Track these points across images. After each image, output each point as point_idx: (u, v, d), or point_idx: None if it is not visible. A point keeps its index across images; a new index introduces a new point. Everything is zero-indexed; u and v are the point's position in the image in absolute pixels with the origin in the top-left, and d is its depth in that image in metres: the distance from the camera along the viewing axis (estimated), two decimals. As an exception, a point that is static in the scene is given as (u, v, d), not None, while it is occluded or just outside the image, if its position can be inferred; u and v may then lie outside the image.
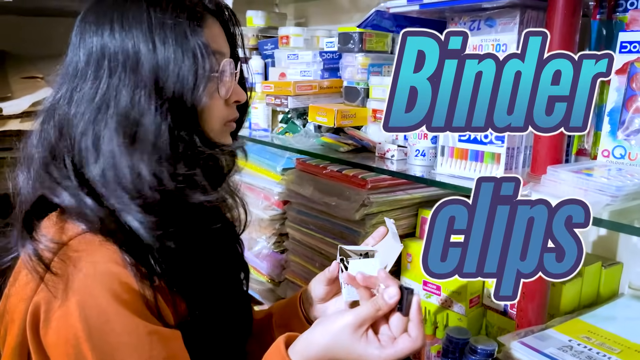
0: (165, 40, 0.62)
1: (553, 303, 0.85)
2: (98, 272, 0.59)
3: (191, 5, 0.65)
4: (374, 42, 1.11)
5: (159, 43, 0.62)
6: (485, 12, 0.78)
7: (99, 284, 0.58)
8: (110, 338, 0.57)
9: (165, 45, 0.62)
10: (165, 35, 0.62)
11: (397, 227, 1.00)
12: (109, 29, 0.63)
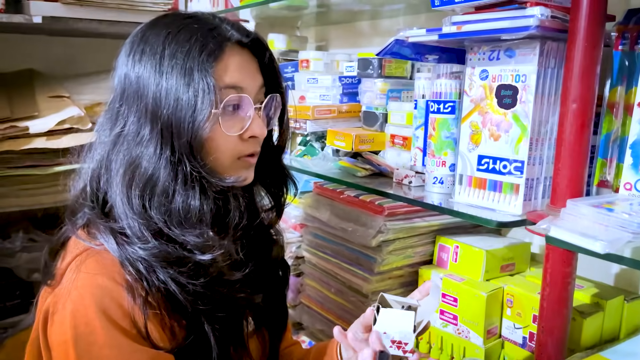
0: (170, 74, 0.63)
1: (573, 338, 0.83)
2: (93, 284, 0.62)
3: (209, 37, 0.65)
4: (393, 67, 1.11)
5: (164, 76, 0.63)
6: (504, 42, 0.77)
7: (91, 295, 0.61)
8: (94, 349, 0.60)
9: (169, 78, 0.63)
10: (172, 68, 0.63)
11: (414, 254, 1.00)
12: (132, 60, 0.66)
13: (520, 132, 0.77)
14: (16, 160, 1.50)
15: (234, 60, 0.67)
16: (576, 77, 0.70)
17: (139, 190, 0.64)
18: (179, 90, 0.63)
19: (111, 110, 0.69)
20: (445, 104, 0.90)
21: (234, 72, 0.67)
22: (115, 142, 0.67)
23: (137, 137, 0.65)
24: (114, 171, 0.66)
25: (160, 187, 0.63)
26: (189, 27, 0.66)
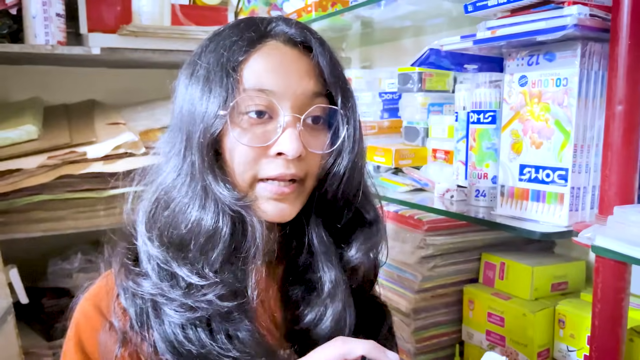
0: (197, 78, 0.58)
1: (630, 358, 0.77)
2: (79, 309, 0.60)
3: (246, 33, 0.58)
4: (434, 81, 1.10)
5: (191, 81, 0.59)
6: (543, 45, 0.74)
7: (74, 318, 0.59)
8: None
9: (195, 80, 0.58)
10: (200, 69, 0.58)
11: (459, 272, 0.96)
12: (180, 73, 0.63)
13: (563, 139, 0.73)
14: (74, 184, 1.58)
15: (270, 59, 0.58)
16: (621, 77, 0.66)
17: (150, 211, 0.58)
18: (199, 92, 0.57)
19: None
20: (485, 114, 0.87)
21: (265, 72, 0.57)
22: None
23: (166, 154, 0.60)
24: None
25: (168, 204, 0.57)
26: (239, 23, 0.61)
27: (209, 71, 0.57)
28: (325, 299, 0.60)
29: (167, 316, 0.55)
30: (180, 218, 0.56)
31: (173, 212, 0.57)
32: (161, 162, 0.61)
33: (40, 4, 1.52)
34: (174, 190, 0.57)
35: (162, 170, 0.60)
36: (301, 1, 1.27)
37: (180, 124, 0.59)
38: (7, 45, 1.51)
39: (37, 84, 1.90)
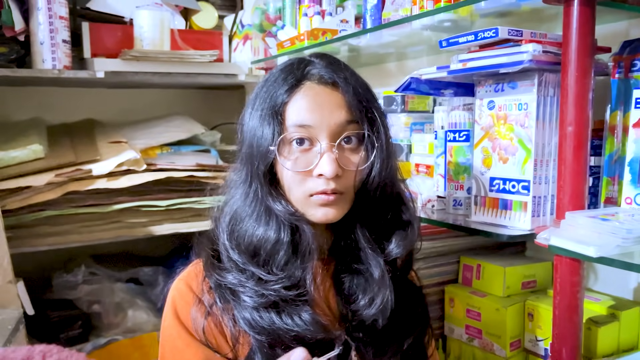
0: (254, 114, 0.73)
1: (590, 347, 0.88)
2: (175, 286, 0.78)
3: (291, 76, 0.71)
4: (415, 103, 1.22)
5: (250, 116, 0.74)
6: (507, 75, 0.87)
7: (170, 293, 0.77)
8: (163, 333, 0.77)
9: (252, 118, 0.73)
10: (257, 108, 0.72)
11: (440, 274, 1.07)
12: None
13: (525, 155, 0.85)
14: (80, 199, 1.67)
15: (307, 99, 0.70)
16: (571, 103, 0.78)
17: (229, 226, 0.75)
18: (256, 130, 0.72)
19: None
20: (460, 133, 0.99)
21: (304, 110, 0.70)
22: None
23: (237, 179, 0.77)
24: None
25: (242, 222, 0.73)
26: (283, 68, 0.74)
27: (262, 113, 0.72)
28: (375, 285, 0.74)
29: (244, 301, 0.71)
30: (251, 232, 0.73)
31: (246, 228, 0.73)
32: (232, 186, 0.77)
33: (48, 32, 1.62)
34: (244, 211, 0.74)
35: (234, 195, 0.76)
36: (294, 30, 1.39)
37: (245, 157, 0.75)
38: (16, 70, 1.61)
39: (36, 104, 1.99)
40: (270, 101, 0.71)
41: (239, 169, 0.77)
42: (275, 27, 1.48)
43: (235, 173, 0.78)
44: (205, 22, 2.01)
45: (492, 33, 0.81)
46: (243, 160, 0.75)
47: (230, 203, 0.76)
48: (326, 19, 1.34)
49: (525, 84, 0.85)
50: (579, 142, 0.78)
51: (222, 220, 0.76)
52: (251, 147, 0.73)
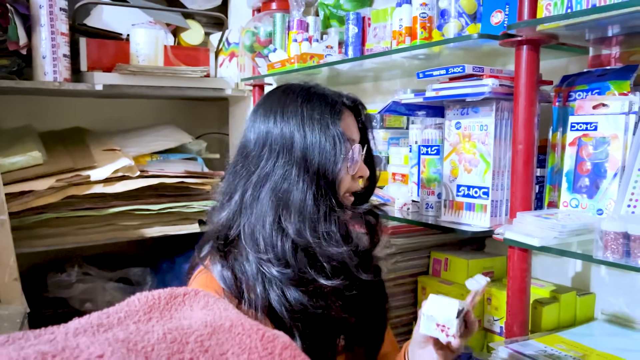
0: (313, 129, 0.85)
1: (535, 322, 1.08)
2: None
3: (333, 102, 0.89)
4: (392, 120, 1.41)
5: (308, 131, 0.85)
6: (471, 102, 1.07)
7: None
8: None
9: (313, 133, 0.85)
10: (313, 125, 0.85)
11: (414, 266, 1.26)
12: (273, 119, 0.88)
13: (485, 166, 1.05)
14: (77, 203, 1.79)
15: (349, 119, 0.91)
16: (520, 126, 0.98)
17: (289, 216, 0.83)
18: (322, 143, 0.85)
19: (249, 158, 0.89)
20: (432, 148, 1.18)
21: (350, 127, 0.90)
22: (257, 182, 0.86)
23: (285, 176, 0.85)
24: (261, 203, 0.85)
25: (308, 215, 0.83)
26: (318, 94, 0.90)
27: (322, 125, 0.86)
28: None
29: (274, 279, 0.82)
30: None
31: (305, 221, 0.84)
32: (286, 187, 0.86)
33: (50, 47, 1.74)
34: (302, 206, 0.84)
35: (293, 196, 0.85)
36: (285, 54, 1.57)
37: (306, 162, 0.85)
38: (20, 82, 1.72)
39: (26, 112, 2.09)
40: (327, 119, 0.87)
41: (281, 167, 0.86)
42: (267, 49, 1.65)
43: (288, 174, 0.86)
44: (193, 39, 2.16)
45: (460, 69, 1.01)
46: (294, 162, 0.85)
47: (277, 194, 0.84)
48: (313, 44, 1.52)
49: (485, 109, 1.05)
50: (527, 157, 0.99)
51: (261, 211, 0.85)
52: (321, 156, 0.85)
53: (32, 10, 1.74)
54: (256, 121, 0.90)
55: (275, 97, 0.92)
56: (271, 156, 0.87)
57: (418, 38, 1.16)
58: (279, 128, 0.86)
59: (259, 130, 0.89)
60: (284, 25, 1.63)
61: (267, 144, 0.87)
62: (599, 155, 0.97)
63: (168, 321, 0.41)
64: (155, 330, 0.38)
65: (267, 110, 0.89)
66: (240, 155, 0.92)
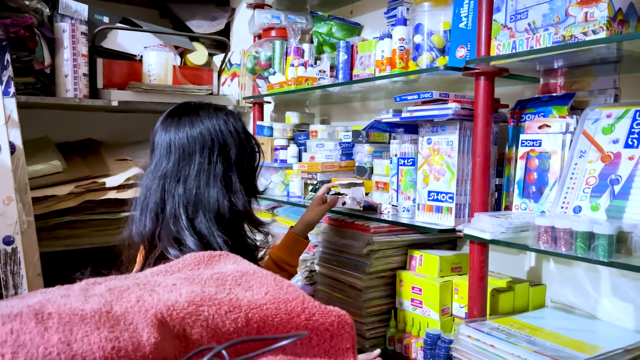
0: (237, 129, 1.12)
1: (494, 307, 1.28)
2: None
3: (228, 111, 1.16)
4: (376, 136, 1.62)
5: (233, 131, 1.11)
6: (440, 122, 1.28)
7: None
8: None
9: (238, 132, 1.12)
10: (236, 126, 1.12)
11: (393, 262, 1.46)
12: (201, 126, 1.09)
13: (451, 176, 1.26)
14: (93, 208, 1.98)
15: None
16: (479, 142, 1.19)
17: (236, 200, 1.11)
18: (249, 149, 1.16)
19: (187, 164, 1.08)
20: (408, 159, 1.39)
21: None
22: (206, 182, 1.08)
23: (226, 175, 1.11)
24: (211, 198, 1.09)
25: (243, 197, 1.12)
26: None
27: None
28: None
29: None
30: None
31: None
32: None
33: (72, 67, 1.94)
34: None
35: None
36: (283, 77, 1.78)
37: (232, 158, 1.13)
38: (44, 98, 1.92)
39: (43, 124, 2.29)
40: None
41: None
42: (267, 72, 1.86)
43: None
44: (198, 60, 2.37)
45: (429, 95, 1.22)
46: (223, 160, 1.11)
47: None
48: (308, 69, 1.73)
49: (451, 128, 1.26)
50: (484, 168, 1.19)
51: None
52: (247, 158, 1.16)
53: (56, 34, 1.95)
54: (178, 132, 1.10)
55: (186, 110, 1.13)
56: (211, 159, 1.09)
57: (397, 67, 1.37)
58: (212, 132, 1.09)
59: (192, 137, 1.09)
60: (282, 51, 1.84)
61: (203, 147, 1.09)
62: (543, 167, 1.18)
63: (211, 269, 0.61)
64: (205, 273, 0.58)
65: (191, 121, 1.11)
66: (175, 162, 1.09)
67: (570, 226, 0.96)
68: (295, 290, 0.59)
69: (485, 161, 1.19)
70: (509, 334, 1.13)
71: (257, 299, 0.55)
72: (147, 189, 1.09)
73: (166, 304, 0.49)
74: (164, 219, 1.05)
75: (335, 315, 0.58)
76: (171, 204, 1.05)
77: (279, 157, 1.88)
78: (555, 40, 1.01)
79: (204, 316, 0.50)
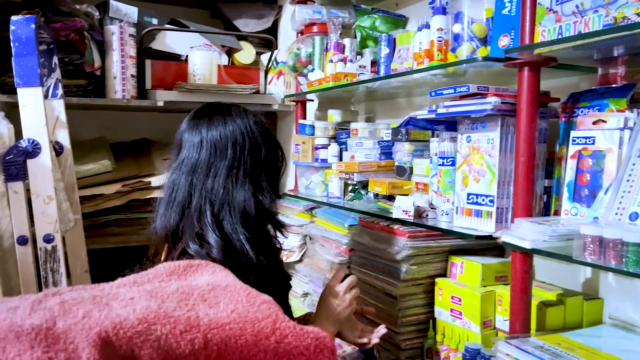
0: (264, 131, 1.11)
1: (540, 322, 1.16)
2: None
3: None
4: (417, 134, 1.52)
5: (262, 132, 1.10)
6: (480, 117, 1.17)
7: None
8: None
9: (264, 133, 1.11)
10: (263, 127, 1.11)
11: (432, 268, 1.37)
12: (232, 125, 1.08)
13: (492, 177, 1.15)
14: (140, 206, 2.01)
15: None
16: (522, 140, 1.08)
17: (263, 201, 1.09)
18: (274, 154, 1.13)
19: (218, 161, 1.07)
20: (447, 159, 1.29)
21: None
22: (233, 181, 1.07)
23: (255, 175, 1.10)
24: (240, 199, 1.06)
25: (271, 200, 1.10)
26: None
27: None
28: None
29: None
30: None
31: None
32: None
33: (120, 68, 1.98)
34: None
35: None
36: (322, 73, 1.72)
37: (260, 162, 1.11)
38: (94, 99, 1.97)
39: (100, 125, 2.36)
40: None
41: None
42: (307, 69, 1.81)
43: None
44: (245, 59, 2.36)
45: (465, 89, 1.12)
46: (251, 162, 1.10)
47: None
48: (347, 64, 1.66)
49: (492, 124, 1.15)
50: (528, 169, 1.08)
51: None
52: (273, 162, 1.14)
53: (106, 36, 1.99)
54: (209, 131, 1.08)
55: (214, 110, 1.12)
56: (241, 157, 1.07)
57: (435, 59, 1.28)
58: (242, 130, 1.07)
59: (222, 135, 1.07)
60: (322, 47, 1.78)
61: (234, 145, 1.07)
62: (596, 167, 1.05)
63: (183, 281, 0.56)
64: (172, 285, 0.53)
65: (219, 120, 1.09)
66: (205, 158, 1.07)
67: (621, 236, 0.83)
68: (270, 308, 0.53)
69: (529, 161, 1.08)
70: (554, 355, 1.01)
71: (220, 317, 0.49)
72: (173, 184, 1.08)
73: (113, 322, 0.45)
74: (189, 214, 1.04)
75: (313, 337, 0.51)
76: (197, 199, 1.05)
77: (319, 156, 1.83)
78: (606, 24, 0.89)
79: (155, 336, 0.45)
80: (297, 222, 1.83)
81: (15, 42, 1.39)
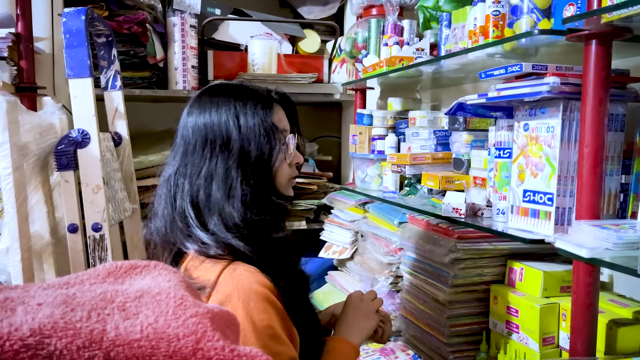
0: (247, 123, 0.88)
1: (610, 344, 0.98)
2: (252, 288, 0.84)
3: (263, 97, 0.93)
4: (477, 122, 1.36)
5: (243, 125, 0.88)
6: (539, 101, 1.00)
7: (256, 293, 0.83)
8: (269, 329, 0.83)
9: (247, 126, 0.88)
10: (247, 119, 0.88)
11: (486, 273, 1.21)
12: (209, 116, 0.90)
13: (551, 171, 0.98)
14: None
15: (280, 112, 0.95)
16: (588, 127, 0.91)
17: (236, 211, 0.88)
18: (257, 135, 0.89)
19: (188, 157, 0.91)
20: (504, 150, 1.13)
21: (282, 119, 0.94)
22: (208, 181, 0.89)
23: (228, 174, 0.89)
24: (215, 203, 0.89)
25: (250, 207, 0.89)
26: (247, 90, 0.93)
27: (255, 119, 0.91)
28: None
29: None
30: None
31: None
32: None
33: (181, 59, 1.99)
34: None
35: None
36: (376, 58, 1.60)
37: (234, 150, 0.91)
38: (156, 90, 1.99)
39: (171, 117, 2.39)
40: (260, 113, 0.90)
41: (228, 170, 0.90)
42: (361, 54, 1.70)
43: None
44: (310, 47, 2.29)
45: (518, 68, 0.96)
46: (224, 154, 0.89)
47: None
48: (404, 48, 1.53)
49: (552, 109, 0.98)
50: (594, 162, 0.90)
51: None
52: (253, 147, 0.89)
53: (168, 28, 2.01)
54: (189, 121, 0.93)
55: (207, 96, 0.94)
56: (213, 155, 0.89)
57: (490, 37, 1.12)
58: (216, 124, 0.89)
59: (196, 128, 0.91)
60: (378, 30, 1.66)
61: (207, 143, 0.90)
62: (683, 161, 0.85)
63: (118, 284, 0.49)
64: (97, 290, 0.47)
65: (200, 108, 0.93)
66: (182, 155, 0.93)
67: (702, 248, 0.65)
68: (200, 322, 0.45)
69: (596, 152, 0.90)
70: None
71: (130, 332, 0.42)
72: (164, 180, 0.97)
73: (1, 331, 0.39)
74: (175, 215, 0.92)
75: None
76: (179, 200, 0.92)
77: (376, 147, 1.71)
78: (691, -21, 0.70)
79: (47, 351, 0.39)
80: (349, 217, 1.73)
81: (66, 34, 1.42)
